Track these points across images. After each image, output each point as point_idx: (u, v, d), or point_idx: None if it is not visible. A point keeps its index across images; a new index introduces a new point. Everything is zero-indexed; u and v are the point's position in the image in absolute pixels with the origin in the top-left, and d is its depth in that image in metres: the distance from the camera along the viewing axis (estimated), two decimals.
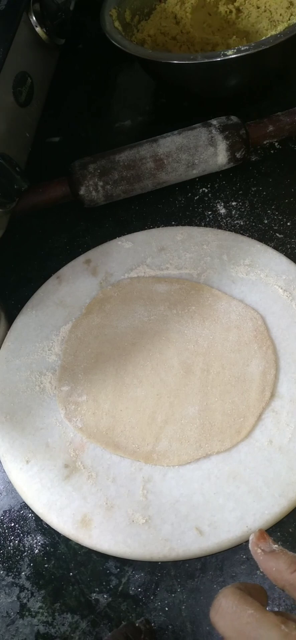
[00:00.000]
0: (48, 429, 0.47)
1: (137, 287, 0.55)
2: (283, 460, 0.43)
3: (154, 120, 0.75)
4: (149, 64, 0.68)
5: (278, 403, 0.46)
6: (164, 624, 0.39)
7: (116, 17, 0.70)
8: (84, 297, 0.55)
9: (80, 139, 0.73)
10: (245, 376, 0.48)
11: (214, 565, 0.41)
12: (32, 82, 0.61)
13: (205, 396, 0.47)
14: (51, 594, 0.42)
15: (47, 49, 0.65)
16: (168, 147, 0.60)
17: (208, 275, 0.55)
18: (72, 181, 0.60)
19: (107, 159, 0.60)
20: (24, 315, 0.55)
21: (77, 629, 0.40)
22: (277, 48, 0.60)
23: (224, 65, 0.61)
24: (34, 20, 0.61)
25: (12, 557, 0.44)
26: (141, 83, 0.77)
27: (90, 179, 0.60)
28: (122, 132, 0.73)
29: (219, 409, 0.46)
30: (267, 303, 0.52)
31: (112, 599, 0.41)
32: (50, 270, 0.58)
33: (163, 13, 0.75)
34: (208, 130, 0.60)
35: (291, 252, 0.56)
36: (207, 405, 0.47)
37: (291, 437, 0.44)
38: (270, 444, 0.44)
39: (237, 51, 0.60)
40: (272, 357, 0.48)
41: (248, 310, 0.51)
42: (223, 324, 0.51)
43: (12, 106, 0.59)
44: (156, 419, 0.46)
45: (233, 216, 0.61)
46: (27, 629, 0.41)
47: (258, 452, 0.44)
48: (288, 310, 0.51)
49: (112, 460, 0.45)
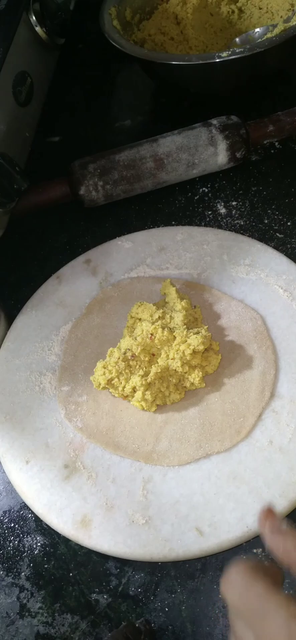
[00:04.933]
0: (48, 429, 0.47)
1: (138, 287, 0.55)
2: (283, 461, 0.43)
3: (154, 120, 0.75)
4: (145, 63, 0.68)
5: (278, 403, 0.46)
6: (164, 624, 0.39)
7: (115, 15, 0.70)
8: (84, 297, 0.55)
9: (80, 139, 0.73)
10: (245, 376, 0.48)
11: (215, 566, 0.41)
12: (32, 82, 0.61)
13: (205, 396, 0.47)
14: (51, 594, 0.42)
15: (47, 49, 0.65)
16: (168, 147, 0.60)
17: (208, 275, 0.55)
18: (72, 181, 0.60)
19: (107, 158, 0.60)
20: (24, 315, 0.55)
21: (77, 629, 0.40)
22: (274, 50, 0.60)
23: (220, 67, 0.61)
24: (33, 20, 0.61)
25: (12, 558, 0.44)
26: (141, 83, 0.77)
27: (90, 178, 0.60)
28: (122, 132, 0.73)
29: (219, 409, 0.46)
30: (267, 303, 0.52)
31: (112, 600, 0.41)
32: (50, 270, 0.58)
33: (164, 13, 0.75)
34: (208, 129, 0.60)
35: (291, 252, 0.56)
36: (207, 405, 0.46)
37: (292, 437, 0.44)
38: (270, 444, 0.44)
39: (232, 53, 0.60)
40: (272, 357, 0.48)
41: (247, 310, 0.51)
42: (223, 324, 0.51)
43: (12, 106, 0.59)
44: (156, 419, 0.46)
45: (233, 216, 0.61)
46: (27, 629, 0.41)
47: (258, 452, 0.44)
48: (288, 310, 0.51)
49: (112, 460, 0.45)
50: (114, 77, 0.81)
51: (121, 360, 0.46)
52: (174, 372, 0.46)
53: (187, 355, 0.46)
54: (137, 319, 0.50)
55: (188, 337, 0.47)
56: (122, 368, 0.46)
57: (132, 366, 0.46)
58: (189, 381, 0.47)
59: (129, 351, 0.46)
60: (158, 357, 0.47)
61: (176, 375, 0.46)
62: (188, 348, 0.46)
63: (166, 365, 0.46)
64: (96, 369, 0.47)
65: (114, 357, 0.47)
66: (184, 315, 0.49)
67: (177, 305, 0.50)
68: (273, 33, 0.65)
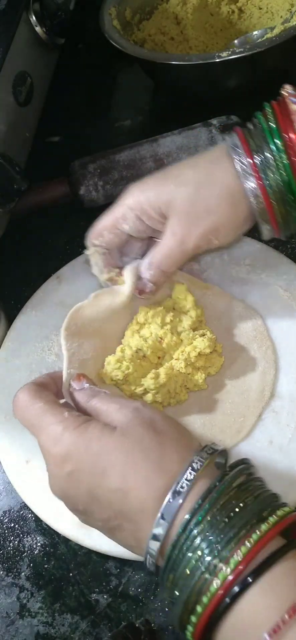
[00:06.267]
0: None
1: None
2: (283, 461, 0.43)
3: (154, 120, 0.75)
4: (145, 63, 0.68)
5: (278, 403, 0.46)
6: (164, 624, 0.39)
7: (115, 15, 0.70)
8: (84, 298, 0.55)
9: (80, 139, 0.73)
10: (245, 376, 0.47)
11: None
12: (32, 82, 0.61)
13: (206, 396, 0.47)
14: (51, 594, 0.42)
15: (47, 49, 0.65)
16: (168, 147, 0.60)
17: (208, 275, 0.55)
18: (72, 181, 0.60)
19: (107, 158, 0.60)
20: (24, 315, 0.55)
21: (77, 629, 0.40)
22: (274, 50, 0.60)
23: (220, 67, 0.61)
24: (33, 19, 0.61)
25: (12, 558, 0.44)
26: (141, 83, 0.77)
27: (90, 178, 0.60)
28: (122, 132, 0.73)
29: (220, 408, 0.46)
30: (267, 303, 0.52)
31: (112, 600, 0.41)
32: (50, 270, 0.58)
33: (164, 13, 0.75)
34: (208, 130, 0.60)
35: (291, 252, 0.56)
36: (207, 405, 0.46)
37: (292, 437, 0.44)
38: (270, 444, 0.44)
39: (232, 53, 0.60)
40: (272, 357, 0.48)
41: (247, 310, 0.51)
42: (223, 324, 0.51)
43: (12, 106, 0.59)
44: None
45: None
46: (27, 629, 0.41)
47: (258, 452, 0.44)
48: (288, 310, 0.51)
49: None
50: (114, 77, 0.81)
51: (135, 358, 0.46)
52: (178, 373, 0.46)
53: (192, 357, 0.46)
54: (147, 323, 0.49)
55: (194, 340, 0.46)
56: (137, 366, 0.46)
57: (143, 366, 0.46)
58: (193, 382, 0.47)
59: (140, 351, 0.46)
60: (164, 360, 0.47)
61: (181, 376, 0.46)
62: (194, 350, 0.46)
63: (171, 366, 0.46)
64: (108, 363, 0.46)
65: (127, 354, 0.46)
66: (193, 322, 0.48)
67: (192, 312, 0.49)
68: (273, 34, 0.65)
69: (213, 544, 0.29)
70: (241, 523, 0.29)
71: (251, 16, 0.74)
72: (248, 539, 0.29)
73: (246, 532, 0.29)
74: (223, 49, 0.70)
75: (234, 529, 0.29)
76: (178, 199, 0.43)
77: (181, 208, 0.43)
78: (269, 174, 0.41)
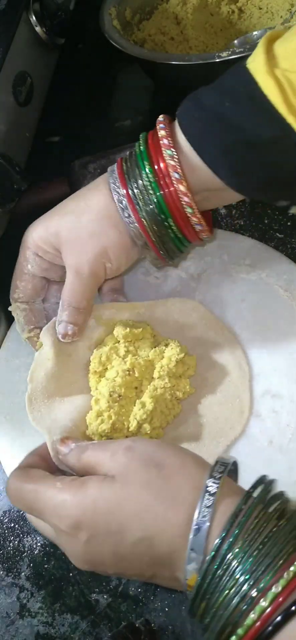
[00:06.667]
0: None
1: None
2: (283, 461, 0.43)
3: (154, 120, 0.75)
4: (145, 63, 0.68)
5: (278, 403, 0.46)
6: (164, 624, 0.39)
7: (115, 15, 0.70)
8: None
9: (80, 139, 0.73)
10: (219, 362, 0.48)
11: None
12: (32, 82, 0.61)
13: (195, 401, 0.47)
14: (51, 594, 0.42)
15: (47, 49, 0.65)
16: None
17: (208, 275, 0.55)
18: (72, 181, 0.60)
19: (107, 158, 0.60)
20: None
21: (77, 629, 0.40)
22: None
23: (220, 67, 0.61)
24: (33, 19, 0.61)
25: (12, 558, 0.44)
26: (141, 83, 0.77)
27: (90, 178, 0.60)
28: (122, 132, 0.73)
29: (213, 400, 0.46)
30: (268, 303, 0.52)
31: (112, 600, 0.41)
32: None
33: (164, 13, 0.75)
34: None
35: (291, 252, 0.56)
36: (202, 403, 0.47)
37: (292, 437, 0.44)
38: (270, 444, 0.44)
39: (232, 53, 0.60)
40: (229, 336, 0.49)
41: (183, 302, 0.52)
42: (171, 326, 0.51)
43: (12, 106, 0.59)
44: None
45: (233, 216, 0.60)
46: (27, 629, 0.41)
47: (258, 452, 0.44)
48: (288, 310, 0.51)
49: None
50: (114, 77, 0.81)
51: (112, 402, 0.43)
52: (164, 390, 0.45)
53: (172, 368, 0.45)
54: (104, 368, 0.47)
55: (163, 353, 0.46)
56: (119, 409, 0.43)
57: (125, 405, 0.44)
58: (181, 391, 0.46)
59: (114, 393, 0.44)
60: (143, 387, 0.45)
61: (167, 391, 0.45)
62: (170, 361, 0.45)
63: (154, 387, 0.45)
64: (90, 423, 0.43)
65: (102, 404, 0.43)
66: (151, 343, 0.47)
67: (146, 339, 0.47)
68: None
69: (248, 573, 0.28)
70: (277, 550, 0.28)
71: (251, 16, 0.74)
72: (286, 571, 0.27)
73: (284, 563, 0.28)
74: (223, 49, 0.70)
75: (270, 556, 0.28)
76: (63, 230, 0.44)
77: (67, 238, 0.44)
78: (141, 205, 0.43)
